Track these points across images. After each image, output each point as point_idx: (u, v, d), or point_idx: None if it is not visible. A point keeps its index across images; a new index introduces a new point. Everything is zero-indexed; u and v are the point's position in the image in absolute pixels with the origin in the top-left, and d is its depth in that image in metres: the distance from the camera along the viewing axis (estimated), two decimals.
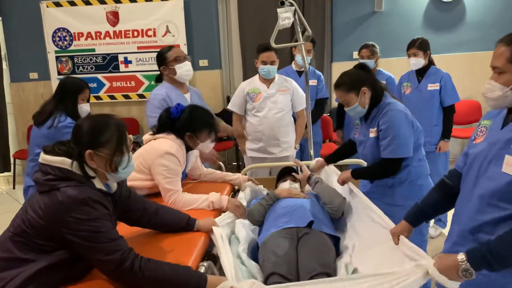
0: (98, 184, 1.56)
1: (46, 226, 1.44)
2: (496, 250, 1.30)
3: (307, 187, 2.74)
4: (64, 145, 1.54)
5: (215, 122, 2.46)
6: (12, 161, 5.65)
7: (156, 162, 2.29)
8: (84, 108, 2.87)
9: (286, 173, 2.87)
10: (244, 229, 2.22)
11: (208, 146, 2.47)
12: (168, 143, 2.33)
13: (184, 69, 2.96)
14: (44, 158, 1.51)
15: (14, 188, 5.59)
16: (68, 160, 1.50)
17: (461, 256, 1.34)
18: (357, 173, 2.39)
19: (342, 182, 2.45)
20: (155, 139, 2.39)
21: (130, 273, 1.46)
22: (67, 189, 1.45)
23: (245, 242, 2.10)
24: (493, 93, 1.49)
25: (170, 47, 3.03)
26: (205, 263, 1.79)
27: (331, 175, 2.74)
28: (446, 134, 3.46)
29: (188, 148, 2.45)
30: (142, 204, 1.89)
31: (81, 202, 1.44)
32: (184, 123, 2.37)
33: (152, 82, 5.54)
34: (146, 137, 2.47)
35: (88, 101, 2.91)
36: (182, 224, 1.96)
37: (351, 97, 2.26)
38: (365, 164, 2.58)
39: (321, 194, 2.44)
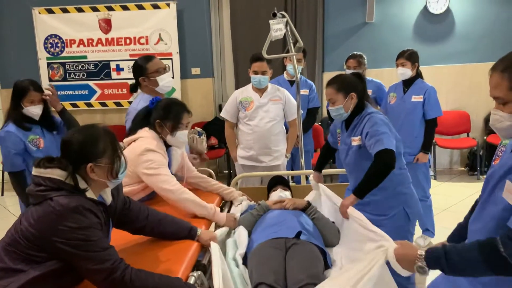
0: (90, 195, 1.56)
1: (38, 235, 1.43)
2: (451, 257, 1.31)
3: (308, 197, 2.75)
4: (53, 162, 1.53)
5: (184, 112, 2.41)
6: (0, 168, 5.60)
7: (138, 162, 2.28)
8: (31, 111, 2.85)
9: (277, 183, 2.88)
10: (244, 232, 2.24)
11: (179, 138, 2.40)
12: (146, 141, 2.33)
13: (166, 81, 2.92)
14: (36, 170, 1.51)
15: (2, 195, 5.54)
16: (61, 172, 1.50)
17: (421, 252, 1.37)
18: (360, 190, 2.16)
19: (345, 213, 2.21)
20: (134, 140, 2.38)
21: (120, 283, 1.45)
22: (59, 198, 1.45)
23: (244, 247, 2.11)
24: (502, 124, 1.40)
25: (149, 58, 2.95)
26: (195, 273, 1.79)
27: (325, 201, 2.66)
28: (426, 146, 3.50)
29: (167, 145, 2.43)
30: (144, 213, 1.91)
31: (73, 210, 1.43)
32: (156, 111, 2.39)
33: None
34: (126, 140, 2.45)
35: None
36: (185, 233, 1.97)
37: (339, 97, 2.30)
38: None
39: (320, 231, 2.33)
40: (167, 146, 2.43)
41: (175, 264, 1.75)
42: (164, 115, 2.37)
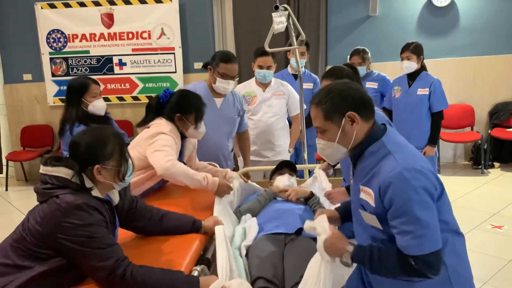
0: (95, 193, 1.56)
1: (44, 233, 1.44)
2: (374, 259, 1.39)
3: (306, 183, 2.75)
4: (60, 161, 1.54)
5: (204, 105, 2.45)
6: (4, 163, 5.61)
7: (149, 143, 2.28)
8: (98, 105, 2.82)
9: (285, 166, 2.86)
10: (255, 225, 2.20)
11: (199, 130, 2.45)
12: (160, 126, 2.33)
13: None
14: (43, 168, 1.52)
15: (6, 190, 5.55)
16: (67, 170, 1.51)
17: (350, 249, 1.44)
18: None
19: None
20: (148, 127, 2.39)
21: (122, 281, 1.45)
22: (64, 195, 1.46)
23: (251, 240, 2.09)
24: (326, 151, 1.53)
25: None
26: (198, 267, 1.79)
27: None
28: (432, 139, 3.48)
29: (182, 137, 2.44)
30: (149, 213, 1.91)
31: (77, 207, 1.44)
32: (173, 105, 2.39)
33: (147, 85, 5.54)
34: (140, 130, 2.46)
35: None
36: (188, 227, 1.96)
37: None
38: None
39: None
40: (183, 137, 2.44)
41: (179, 258, 1.75)
42: (184, 108, 2.38)
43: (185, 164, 2.41)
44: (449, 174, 5.23)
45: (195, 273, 1.74)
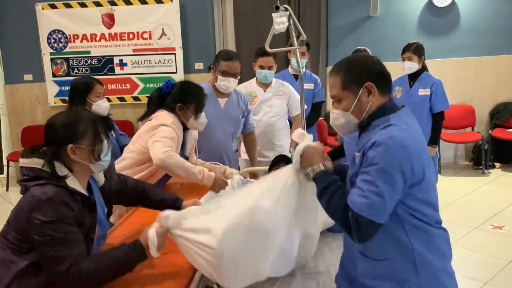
0: (72, 182, 1.53)
1: (19, 226, 1.46)
2: (329, 189, 1.43)
3: None
4: (34, 152, 1.54)
5: (205, 95, 2.48)
6: (5, 163, 5.62)
7: (150, 135, 2.29)
8: (102, 105, 2.83)
9: (281, 160, 2.84)
10: None
11: (199, 121, 2.46)
12: (161, 118, 2.34)
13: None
14: (20, 161, 1.53)
15: (7, 190, 5.56)
16: (39, 160, 1.51)
17: (321, 167, 1.48)
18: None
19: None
20: (150, 119, 2.40)
21: (75, 284, 1.43)
22: (35, 188, 1.46)
23: None
24: (338, 121, 1.53)
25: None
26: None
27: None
28: (434, 140, 3.48)
29: (184, 128, 2.45)
30: (135, 189, 1.93)
31: (44, 202, 1.43)
32: (174, 95, 2.41)
33: (148, 85, 5.55)
34: (141, 124, 2.47)
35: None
36: (171, 203, 1.94)
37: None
38: None
39: None
40: (185, 129, 2.45)
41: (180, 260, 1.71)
42: (185, 98, 2.40)
43: (187, 158, 2.41)
44: (449, 174, 5.23)
45: (198, 274, 1.73)
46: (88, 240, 1.56)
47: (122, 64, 5.56)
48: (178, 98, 2.41)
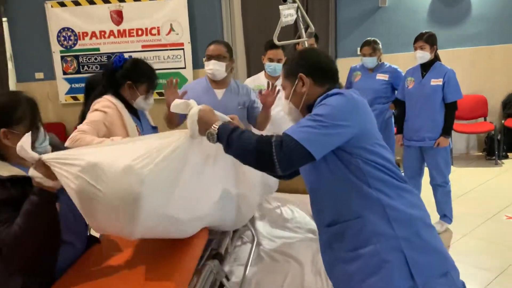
0: (5, 169, 1.47)
1: None
2: (233, 136, 1.42)
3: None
4: None
5: (156, 76, 2.40)
6: None
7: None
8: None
9: None
10: None
11: (147, 101, 2.38)
12: (98, 102, 2.26)
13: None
14: None
15: None
16: None
17: (218, 123, 1.48)
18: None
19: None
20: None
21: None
22: None
23: None
24: (284, 107, 1.63)
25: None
26: (210, 262, 1.80)
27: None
28: (446, 130, 3.44)
29: (133, 109, 2.36)
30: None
31: None
32: (125, 72, 2.31)
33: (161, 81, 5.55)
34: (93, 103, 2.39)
35: None
36: None
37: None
38: None
39: None
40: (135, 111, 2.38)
41: (182, 254, 1.69)
42: (137, 77, 2.31)
43: None
44: (462, 165, 5.17)
45: (207, 267, 1.74)
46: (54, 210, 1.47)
47: None
48: (130, 75, 2.31)
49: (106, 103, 2.25)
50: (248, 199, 2.06)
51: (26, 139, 1.37)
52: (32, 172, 1.38)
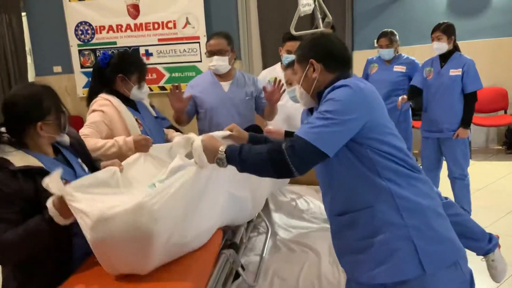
0: (20, 159, 1.49)
1: None
2: (244, 152, 1.43)
3: None
4: None
5: (145, 64, 2.41)
6: None
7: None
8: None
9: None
10: None
11: (142, 90, 2.38)
12: (95, 102, 2.29)
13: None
14: None
15: None
16: None
17: (223, 147, 1.49)
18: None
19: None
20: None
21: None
22: None
23: None
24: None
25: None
26: (226, 251, 1.80)
27: None
28: (466, 121, 3.39)
29: (131, 103, 2.38)
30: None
31: None
32: (114, 66, 2.31)
33: (173, 74, 5.59)
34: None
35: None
36: (93, 162, 1.87)
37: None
38: None
39: None
40: (135, 107, 2.39)
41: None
42: (126, 68, 2.31)
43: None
44: (480, 159, 5.09)
45: (223, 256, 1.75)
46: None
47: (148, 54, 5.61)
48: (119, 68, 2.31)
49: (102, 101, 2.28)
50: (256, 192, 2.06)
51: (56, 175, 1.41)
52: (49, 205, 1.42)
